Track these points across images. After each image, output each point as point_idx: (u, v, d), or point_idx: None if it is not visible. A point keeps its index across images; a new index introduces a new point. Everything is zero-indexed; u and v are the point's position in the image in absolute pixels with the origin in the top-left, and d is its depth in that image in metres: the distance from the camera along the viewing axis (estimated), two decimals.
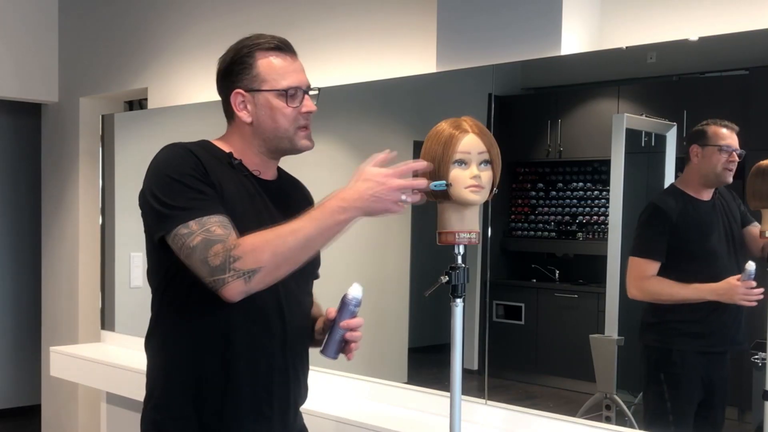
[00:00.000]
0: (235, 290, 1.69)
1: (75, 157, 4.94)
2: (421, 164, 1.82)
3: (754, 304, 2.24)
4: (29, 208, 6.21)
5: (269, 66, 1.88)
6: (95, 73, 4.78)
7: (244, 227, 1.76)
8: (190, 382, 1.86)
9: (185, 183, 1.76)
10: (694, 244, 2.44)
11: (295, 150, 1.92)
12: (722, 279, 2.33)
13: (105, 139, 4.43)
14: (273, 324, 1.89)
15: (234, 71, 1.90)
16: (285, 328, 1.91)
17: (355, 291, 1.88)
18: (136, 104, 4.90)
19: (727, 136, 2.34)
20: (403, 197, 1.72)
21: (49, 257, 5.20)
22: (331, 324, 1.88)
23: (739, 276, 2.27)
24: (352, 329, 1.86)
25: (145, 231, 1.87)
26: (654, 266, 2.42)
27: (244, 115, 1.89)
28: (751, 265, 2.25)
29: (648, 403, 2.50)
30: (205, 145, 1.92)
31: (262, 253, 1.68)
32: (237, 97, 1.89)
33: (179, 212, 1.74)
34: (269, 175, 1.98)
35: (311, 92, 1.93)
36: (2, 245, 6.38)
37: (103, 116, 4.51)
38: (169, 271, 1.83)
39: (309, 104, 1.91)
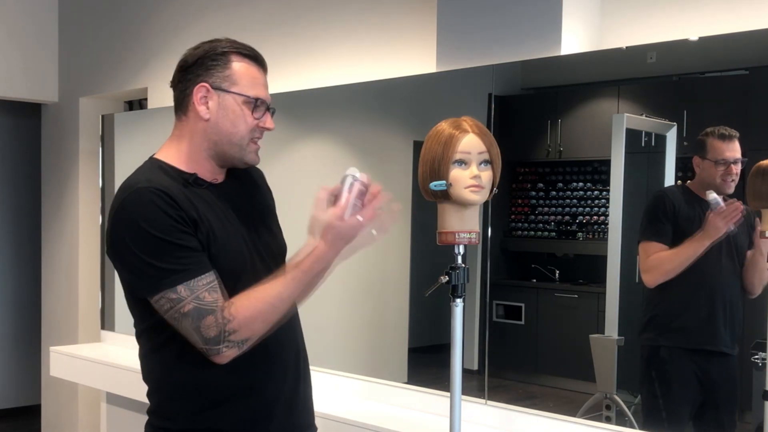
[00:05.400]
0: (228, 358, 1.73)
1: (75, 157, 4.94)
2: (362, 179, 1.77)
3: (740, 220, 2.30)
4: (29, 207, 6.20)
5: (244, 71, 1.84)
6: (95, 73, 4.78)
7: (231, 249, 1.81)
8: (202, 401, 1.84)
9: (168, 239, 1.70)
10: (690, 230, 2.43)
11: (242, 161, 1.87)
12: (720, 278, 2.38)
13: (105, 139, 4.43)
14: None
15: (205, 65, 1.84)
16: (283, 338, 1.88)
17: (351, 170, 1.80)
18: (136, 104, 4.90)
19: (725, 148, 2.34)
20: (374, 232, 1.77)
21: (49, 257, 5.20)
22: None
23: (710, 212, 2.33)
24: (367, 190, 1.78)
25: (123, 284, 1.81)
26: (661, 248, 2.43)
27: (203, 111, 1.83)
28: (711, 194, 2.33)
29: (643, 402, 2.51)
30: (162, 169, 1.84)
31: (255, 324, 1.73)
32: (201, 90, 1.84)
33: (165, 275, 1.70)
34: (221, 177, 1.92)
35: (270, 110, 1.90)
36: (2, 245, 6.38)
37: (103, 116, 4.51)
38: (157, 323, 1.79)
39: (270, 122, 1.87)
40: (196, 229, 1.75)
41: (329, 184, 2.07)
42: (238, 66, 1.84)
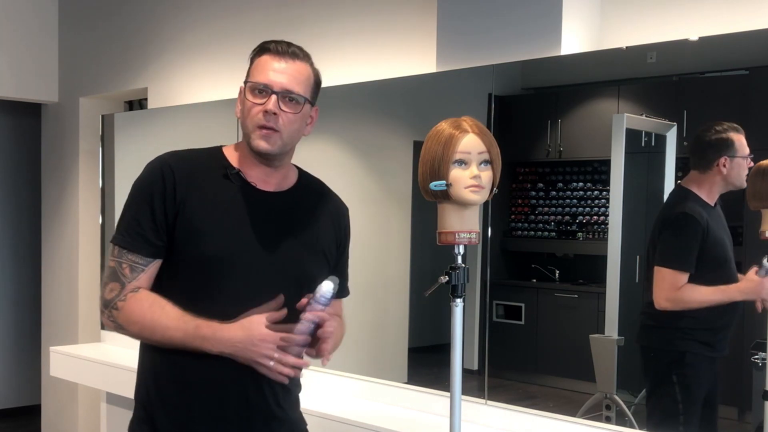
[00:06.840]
0: (107, 326, 1.89)
1: (75, 157, 4.95)
2: (299, 339, 1.76)
3: None
4: (29, 208, 6.20)
5: (257, 62, 1.88)
6: (95, 73, 4.78)
7: (210, 242, 1.82)
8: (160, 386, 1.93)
9: (136, 204, 1.85)
10: (716, 250, 2.40)
11: (253, 149, 1.86)
12: (734, 282, 2.33)
13: (105, 139, 4.43)
14: None
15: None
16: None
17: (325, 287, 1.78)
18: (136, 104, 4.90)
19: (745, 142, 2.32)
20: (271, 364, 1.76)
21: (49, 257, 5.20)
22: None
23: (755, 269, 2.26)
24: (318, 323, 1.78)
25: None
26: (685, 277, 2.37)
27: (237, 111, 1.91)
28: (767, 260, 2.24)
29: (658, 405, 2.49)
30: (207, 154, 1.92)
31: (132, 324, 1.83)
32: (240, 92, 1.91)
33: (118, 229, 1.87)
34: (271, 185, 1.92)
35: (293, 97, 1.85)
36: (2, 245, 6.38)
37: (103, 116, 4.51)
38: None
39: (269, 103, 1.82)
40: (177, 209, 1.81)
41: (330, 182, 2.07)
42: (257, 60, 1.89)
